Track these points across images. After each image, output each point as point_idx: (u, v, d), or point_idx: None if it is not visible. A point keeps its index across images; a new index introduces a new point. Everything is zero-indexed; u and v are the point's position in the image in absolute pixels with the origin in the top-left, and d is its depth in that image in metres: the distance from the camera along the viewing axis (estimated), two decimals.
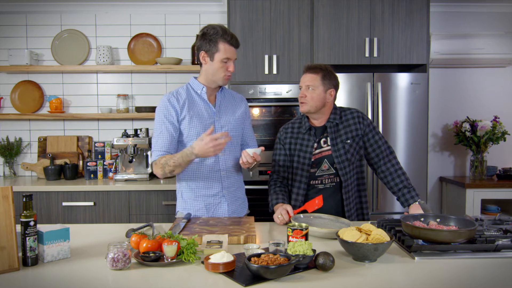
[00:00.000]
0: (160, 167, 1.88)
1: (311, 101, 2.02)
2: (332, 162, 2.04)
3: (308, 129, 2.09)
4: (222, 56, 1.89)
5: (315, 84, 2.01)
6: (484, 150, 3.43)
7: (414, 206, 1.96)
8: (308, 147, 2.07)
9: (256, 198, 3.13)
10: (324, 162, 2.04)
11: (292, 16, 3.11)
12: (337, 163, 2.02)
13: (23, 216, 1.34)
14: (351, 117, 2.10)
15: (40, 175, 3.39)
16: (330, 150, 2.04)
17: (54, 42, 3.52)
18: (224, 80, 1.95)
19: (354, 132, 2.06)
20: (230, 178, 2.03)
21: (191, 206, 2.01)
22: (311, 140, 2.08)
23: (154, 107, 3.45)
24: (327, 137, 2.07)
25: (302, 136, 2.11)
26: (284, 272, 1.22)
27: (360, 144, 2.08)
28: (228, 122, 2.02)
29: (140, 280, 1.24)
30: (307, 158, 2.05)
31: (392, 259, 1.42)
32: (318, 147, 2.07)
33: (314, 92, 2.01)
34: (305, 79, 2.04)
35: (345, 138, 2.05)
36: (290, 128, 2.17)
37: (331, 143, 2.05)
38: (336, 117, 2.09)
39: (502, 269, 1.33)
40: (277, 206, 1.99)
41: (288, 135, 2.15)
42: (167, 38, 3.60)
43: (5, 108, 3.57)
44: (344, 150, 2.03)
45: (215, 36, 1.88)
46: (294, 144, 2.11)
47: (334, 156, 2.03)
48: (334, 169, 2.04)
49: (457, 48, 3.44)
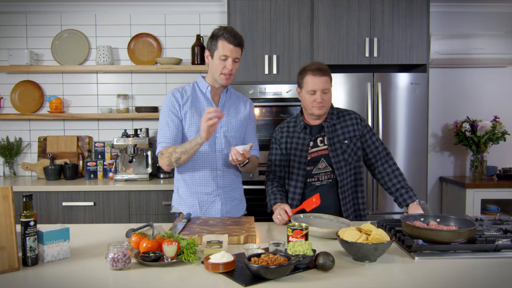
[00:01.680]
0: (166, 156, 1.91)
1: (327, 104, 2.02)
2: (329, 161, 2.04)
3: (303, 128, 2.09)
4: (220, 53, 1.91)
5: (328, 87, 2.01)
6: (484, 150, 3.43)
7: (412, 206, 1.96)
8: (304, 145, 2.07)
9: (255, 198, 3.12)
10: (321, 161, 2.05)
11: (292, 16, 3.11)
12: (334, 163, 2.02)
13: (23, 216, 1.34)
14: (348, 118, 2.10)
15: (40, 175, 3.39)
16: (327, 150, 2.04)
17: (54, 42, 3.52)
18: (222, 79, 1.95)
19: (352, 133, 2.07)
20: (226, 178, 2.04)
21: (185, 202, 2.03)
22: (306, 139, 2.08)
23: (154, 107, 3.46)
24: (324, 136, 2.07)
25: (297, 135, 2.10)
26: (284, 272, 1.22)
27: (358, 145, 2.08)
28: (229, 122, 2.03)
29: (140, 280, 1.24)
30: (303, 156, 2.06)
31: (392, 259, 1.42)
32: (314, 145, 2.07)
33: (328, 95, 2.01)
34: (320, 82, 1.99)
35: (343, 138, 2.05)
36: (285, 128, 2.17)
37: (328, 143, 2.05)
38: (333, 117, 2.09)
39: (502, 269, 1.33)
40: (275, 206, 1.99)
41: (284, 134, 2.15)
42: (167, 38, 3.60)
43: (5, 108, 3.57)
44: (342, 150, 2.04)
45: (216, 35, 1.92)
46: (290, 143, 2.11)
47: (331, 156, 2.03)
48: (331, 167, 2.04)
49: (457, 48, 3.44)
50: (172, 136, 1.95)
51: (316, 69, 2.00)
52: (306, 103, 2.04)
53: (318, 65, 2.03)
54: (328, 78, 2.01)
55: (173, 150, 1.90)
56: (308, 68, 2.04)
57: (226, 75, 1.94)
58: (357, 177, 2.11)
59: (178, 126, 1.97)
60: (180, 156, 1.89)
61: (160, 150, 1.96)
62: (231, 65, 1.93)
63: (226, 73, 1.93)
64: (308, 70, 2.02)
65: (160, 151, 1.96)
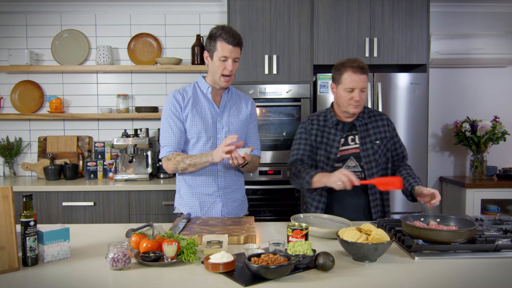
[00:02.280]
0: (173, 163, 1.92)
1: (363, 102, 1.98)
2: (359, 160, 2.00)
3: (335, 124, 2.04)
4: (219, 54, 1.89)
5: (366, 85, 1.96)
6: (484, 150, 3.43)
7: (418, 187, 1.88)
8: (335, 141, 2.02)
9: (256, 198, 3.13)
10: (350, 159, 2.01)
11: (292, 16, 3.11)
12: (365, 163, 1.99)
13: (23, 216, 1.34)
14: (380, 118, 2.08)
15: (40, 175, 3.39)
16: (358, 149, 2.01)
17: (54, 42, 3.52)
18: (222, 82, 1.94)
19: (383, 133, 2.04)
20: (228, 179, 2.03)
21: (186, 202, 2.03)
22: (337, 135, 2.02)
23: (154, 107, 3.46)
24: (355, 135, 2.03)
25: (328, 130, 2.04)
26: (284, 272, 1.22)
27: (387, 147, 2.05)
28: (231, 123, 2.02)
29: (140, 280, 1.24)
30: (333, 153, 2.00)
31: (392, 259, 1.42)
32: (345, 143, 2.02)
33: (364, 93, 1.97)
34: (359, 80, 1.93)
35: (374, 138, 2.02)
36: (315, 120, 2.09)
37: (360, 142, 2.01)
38: (364, 116, 2.06)
39: (502, 269, 1.33)
40: (321, 175, 1.87)
41: (315, 126, 2.07)
42: (167, 38, 3.60)
43: (5, 108, 3.57)
44: (373, 150, 2.01)
45: (215, 36, 1.90)
46: (321, 137, 2.05)
47: (362, 156, 1.99)
48: (361, 167, 2.00)
49: (457, 48, 3.44)
50: (176, 139, 1.95)
51: (357, 67, 1.93)
52: (342, 100, 1.97)
53: (359, 63, 1.95)
54: (367, 76, 1.96)
55: (181, 159, 1.91)
56: (348, 64, 1.95)
57: (226, 78, 1.93)
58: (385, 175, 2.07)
59: (181, 129, 1.97)
60: (187, 167, 1.92)
61: (166, 155, 1.96)
62: (231, 65, 1.91)
63: (226, 74, 1.92)
64: (348, 67, 1.94)
65: (166, 156, 1.96)
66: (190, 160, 1.89)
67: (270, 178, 3.12)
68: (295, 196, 3.13)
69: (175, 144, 1.95)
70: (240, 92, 2.15)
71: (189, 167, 1.91)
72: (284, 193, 3.13)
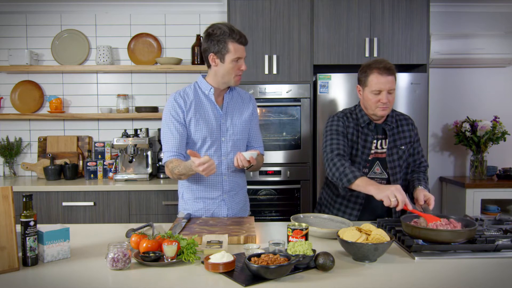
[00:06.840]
0: (169, 171, 1.89)
1: (391, 105, 1.90)
2: (384, 165, 1.95)
3: (367, 124, 1.96)
4: (232, 56, 1.84)
5: (394, 87, 1.88)
6: (484, 150, 3.43)
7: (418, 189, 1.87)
8: (367, 142, 1.94)
9: (256, 198, 3.13)
10: (376, 165, 1.96)
11: (292, 16, 3.11)
12: (390, 168, 1.95)
13: (23, 216, 1.34)
14: (405, 123, 2.03)
15: (40, 175, 3.39)
16: (383, 153, 1.95)
17: (54, 42, 3.52)
18: (236, 81, 1.92)
19: (408, 139, 2.00)
20: (232, 182, 2.00)
21: (190, 207, 2.00)
22: (369, 135, 1.95)
23: (154, 107, 3.46)
24: (383, 139, 1.97)
25: (361, 130, 1.96)
26: (284, 272, 1.22)
27: (410, 152, 2.01)
28: (234, 124, 1.98)
29: (140, 280, 1.24)
30: (366, 153, 1.94)
31: (392, 259, 1.42)
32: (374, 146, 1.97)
33: (392, 95, 1.89)
34: (386, 82, 1.85)
35: (399, 144, 1.98)
36: (350, 117, 1.99)
37: (388, 146, 1.94)
38: (393, 120, 1.99)
39: (502, 269, 1.33)
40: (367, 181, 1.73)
41: (351, 124, 1.97)
42: (167, 38, 3.60)
43: (5, 108, 3.57)
44: (398, 155, 1.97)
45: (223, 37, 1.83)
46: (356, 136, 1.96)
47: (387, 161, 1.94)
48: (387, 174, 1.96)
49: (457, 48, 3.44)
50: (176, 144, 1.90)
51: (384, 68, 1.86)
52: (369, 103, 1.91)
53: (386, 64, 1.87)
54: (394, 77, 1.88)
55: (173, 169, 1.84)
56: (374, 66, 1.88)
57: (239, 76, 1.92)
58: (404, 184, 2.02)
59: (182, 133, 1.92)
60: (179, 176, 1.87)
61: (166, 161, 1.92)
62: (245, 64, 1.90)
63: (240, 74, 1.91)
64: (375, 68, 1.88)
65: (165, 162, 1.92)
66: (178, 171, 1.82)
67: (271, 178, 3.12)
68: (295, 196, 3.13)
69: (175, 148, 1.91)
70: (240, 90, 2.10)
71: (181, 176, 1.86)
72: (284, 193, 3.13)
